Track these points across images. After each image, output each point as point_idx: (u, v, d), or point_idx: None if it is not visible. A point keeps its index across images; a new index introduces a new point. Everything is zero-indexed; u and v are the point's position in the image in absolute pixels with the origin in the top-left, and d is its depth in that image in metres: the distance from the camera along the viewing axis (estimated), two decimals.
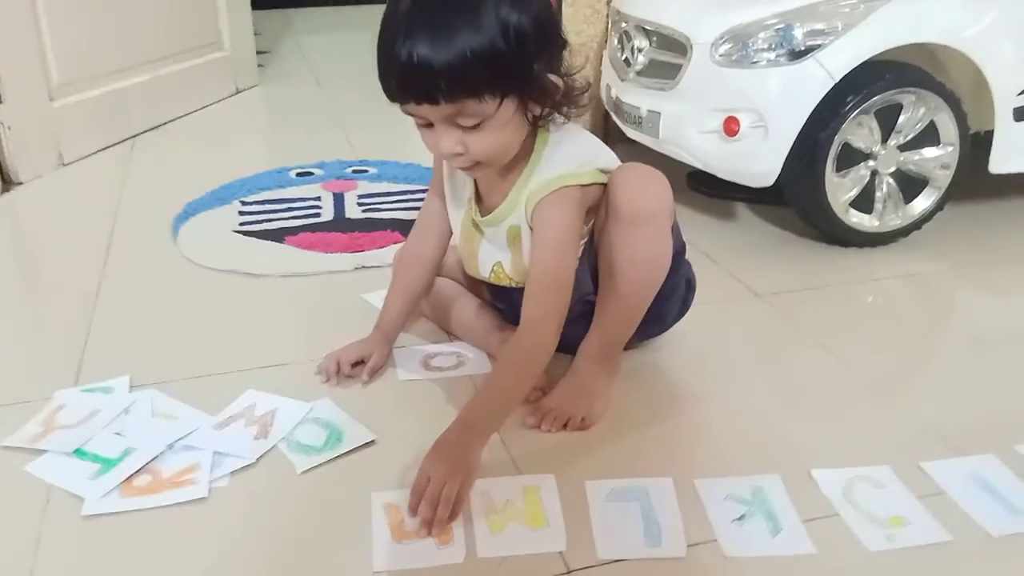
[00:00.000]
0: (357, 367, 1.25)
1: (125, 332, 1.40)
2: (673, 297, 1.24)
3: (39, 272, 1.70)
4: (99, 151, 2.29)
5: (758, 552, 0.93)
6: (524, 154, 1.10)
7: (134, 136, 2.42)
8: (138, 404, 1.18)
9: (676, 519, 0.97)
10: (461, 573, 0.90)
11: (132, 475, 1.03)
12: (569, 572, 0.90)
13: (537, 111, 1.05)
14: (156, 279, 1.59)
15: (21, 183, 2.04)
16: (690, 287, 1.29)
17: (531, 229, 1.11)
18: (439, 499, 0.94)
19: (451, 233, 1.27)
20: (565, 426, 1.13)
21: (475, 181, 1.17)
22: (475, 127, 1.00)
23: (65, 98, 2.19)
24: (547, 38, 1.02)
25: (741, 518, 0.97)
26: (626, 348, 1.22)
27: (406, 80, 0.96)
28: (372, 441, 1.11)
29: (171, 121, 2.57)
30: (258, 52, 3.15)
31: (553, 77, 1.03)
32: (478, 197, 1.18)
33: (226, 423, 1.14)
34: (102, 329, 1.40)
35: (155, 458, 1.06)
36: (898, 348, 1.38)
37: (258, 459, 1.07)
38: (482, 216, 1.17)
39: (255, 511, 1.00)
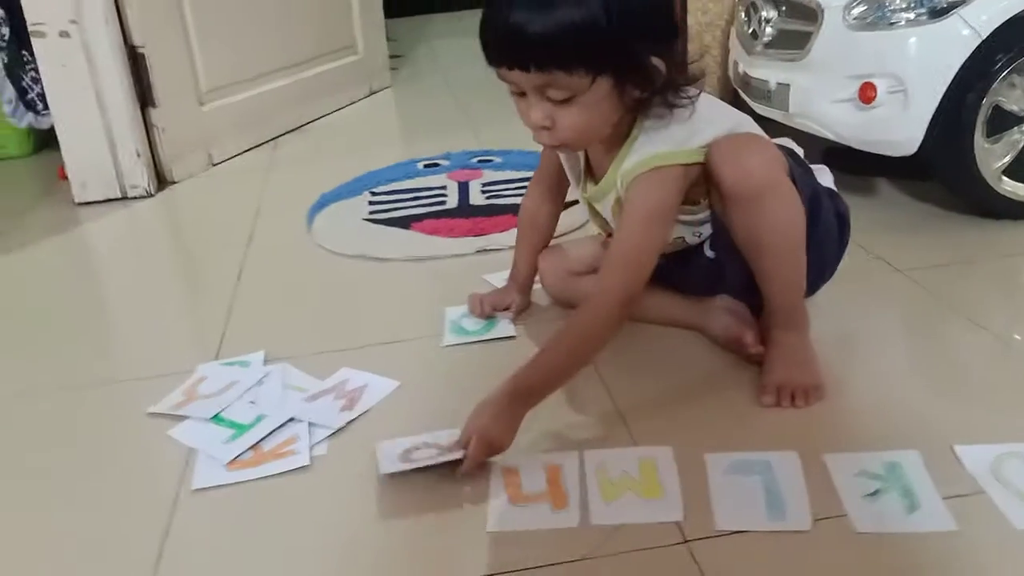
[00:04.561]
0: (502, 312, 1.35)
1: (262, 312, 1.47)
2: (827, 241, 1.18)
3: (189, 260, 1.83)
4: (245, 151, 2.43)
5: (892, 528, 0.87)
6: (625, 130, 1.08)
7: (276, 137, 2.55)
8: (271, 376, 1.23)
9: (801, 493, 0.92)
10: (574, 538, 0.89)
11: (249, 448, 1.08)
12: (686, 542, 0.87)
13: (635, 95, 1.01)
14: (291, 265, 1.67)
15: (175, 182, 2.20)
16: (843, 220, 1.21)
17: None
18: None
19: (566, 186, 1.30)
20: (795, 399, 1.08)
21: (585, 153, 1.16)
22: (565, 102, 0.98)
23: (213, 103, 2.33)
24: (655, 20, 0.99)
25: (874, 494, 0.91)
26: None
27: (500, 42, 0.97)
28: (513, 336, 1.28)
29: (310, 122, 2.69)
30: (392, 56, 3.25)
31: (656, 61, 0.99)
32: (588, 169, 1.18)
33: (317, 396, 1.18)
34: (242, 310, 1.48)
35: (280, 426, 1.11)
36: None
37: (346, 425, 1.11)
38: (589, 190, 1.17)
39: (363, 476, 1.01)
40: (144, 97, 2.11)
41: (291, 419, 1.12)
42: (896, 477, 0.93)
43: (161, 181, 2.17)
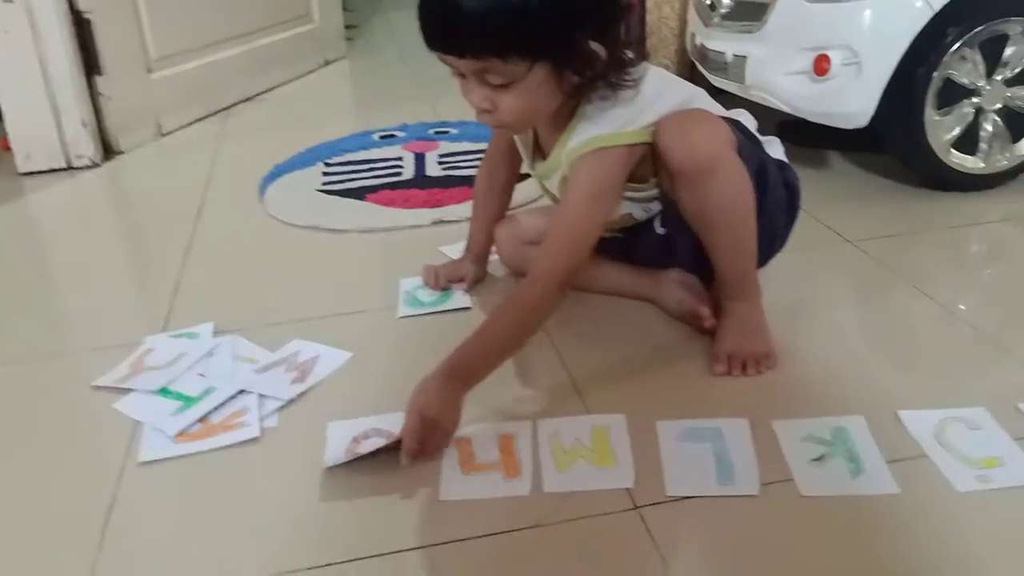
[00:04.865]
0: (457, 283, 1.35)
1: (212, 283, 1.44)
2: (776, 212, 1.18)
3: (136, 231, 1.78)
4: (195, 121, 2.38)
5: (837, 492, 0.88)
6: (571, 110, 1.06)
7: (228, 107, 2.50)
8: (220, 348, 1.21)
9: (750, 458, 0.93)
10: (527, 506, 0.89)
11: (197, 420, 1.06)
12: (636, 508, 0.88)
13: (574, 80, 1.00)
14: (242, 236, 1.64)
15: (122, 152, 2.14)
16: (793, 191, 1.21)
17: None
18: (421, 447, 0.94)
19: (519, 159, 1.27)
20: (747, 368, 1.09)
21: (535, 130, 1.16)
22: (504, 86, 0.97)
23: (162, 71, 2.27)
24: (594, 5, 0.97)
25: (820, 458, 0.93)
26: None
27: (435, 27, 0.96)
28: (468, 308, 1.29)
29: (263, 92, 2.64)
30: (348, 27, 3.20)
31: (596, 45, 0.97)
32: (537, 146, 1.17)
33: (268, 368, 1.16)
34: (191, 281, 1.45)
35: (230, 398, 1.09)
36: (1003, 293, 1.29)
37: (297, 397, 1.09)
38: (538, 168, 1.16)
39: (312, 447, 1.00)
40: (90, 65, 2.05)
41: (241, 391, 1.11)
42: (842, 442, 0.95)
43: (108, 151, 2.12)
